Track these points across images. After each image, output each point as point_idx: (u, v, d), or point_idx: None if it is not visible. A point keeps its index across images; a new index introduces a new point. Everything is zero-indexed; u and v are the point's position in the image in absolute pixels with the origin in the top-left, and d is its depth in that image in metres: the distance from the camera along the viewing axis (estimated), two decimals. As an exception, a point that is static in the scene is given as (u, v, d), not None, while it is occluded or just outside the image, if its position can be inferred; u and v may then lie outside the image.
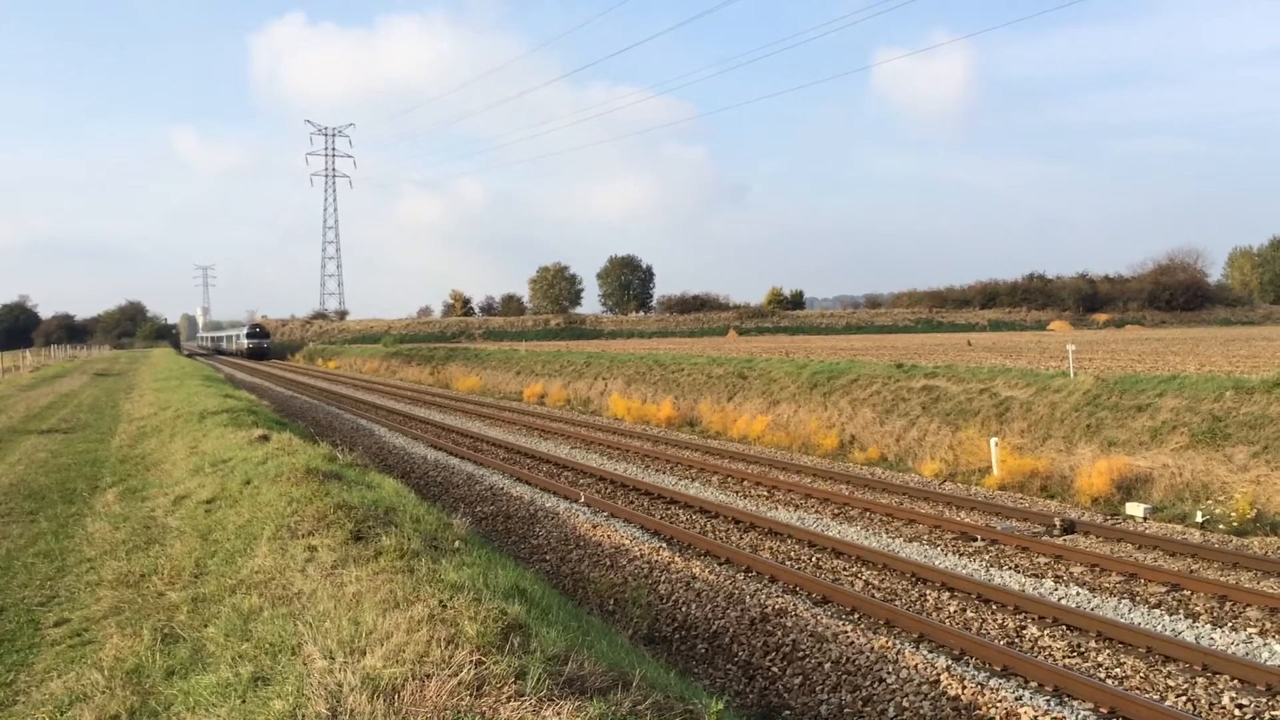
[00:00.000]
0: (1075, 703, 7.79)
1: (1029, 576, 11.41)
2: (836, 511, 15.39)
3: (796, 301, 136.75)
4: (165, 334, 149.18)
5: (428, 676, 4.68)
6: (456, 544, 8.49)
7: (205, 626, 6.90)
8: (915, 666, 8.22)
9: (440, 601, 5.94)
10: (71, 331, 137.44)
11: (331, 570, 7.23)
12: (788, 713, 8.22)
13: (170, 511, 11.65)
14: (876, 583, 11.39)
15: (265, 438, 15.85)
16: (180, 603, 7.70)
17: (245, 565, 8.14)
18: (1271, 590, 10.45)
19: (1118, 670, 8.52)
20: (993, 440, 17.82)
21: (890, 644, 8.74)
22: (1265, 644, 8.97)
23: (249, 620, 6.64)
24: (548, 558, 13.25)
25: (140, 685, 5.96)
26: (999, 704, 7.51)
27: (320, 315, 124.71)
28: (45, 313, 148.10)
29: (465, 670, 4.73)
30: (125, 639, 6.89)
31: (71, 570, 9.67)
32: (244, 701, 5.08)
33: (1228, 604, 10.14)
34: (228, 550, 8.90)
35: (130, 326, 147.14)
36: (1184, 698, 7.91)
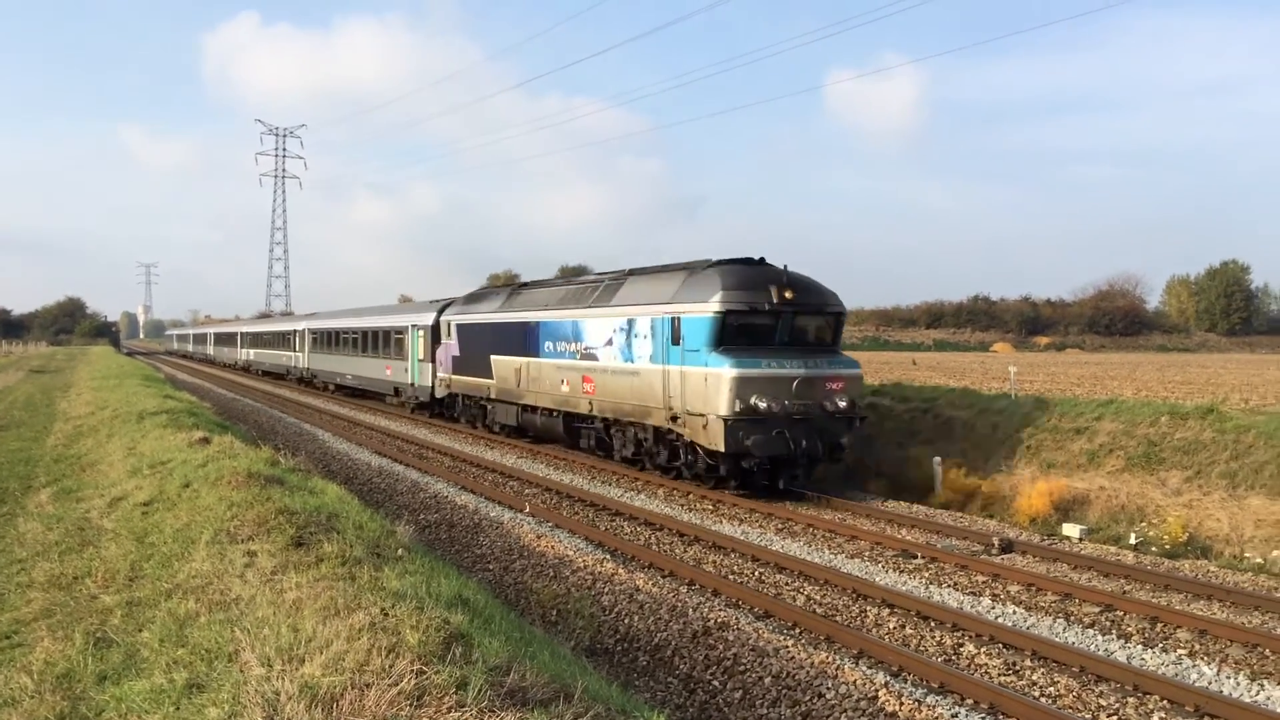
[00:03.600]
0: (1009, 720, 7.91)
1: (967, 594, 11.58)
2: (780, 526, 15.49)
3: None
4: (105, 331, 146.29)
5: (367, 685, 4.64)
6: (399, 552, 8.42)
7: (139, 631, 6.77)
8: (854, 682, 8.29)
9: (382, 610, 5.89)
10: (7, 327, 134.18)
11: (271, 576, 7.13)
12: (728, 726, 8.24)
13: (106, 513, 11.40)
14: (818, 598, 11.48)
15: (206, 440, 15.58)
16: (114, 606, 7.55)
17: (182, 569, 8.00)
18: (1201, 612, 10.71)
19: (1051, 689, 8.67)
20: (935, 459, 18.08)
21: (830, 659, 8.81)
22: (1194, 665, 9.19)
23: (185, 625, 6.52)
24: (491, 567, 13.17)
25: (71, 690, 5.84)
26: (935, 720, 7.61)
27: (266, 315, 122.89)
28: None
29: (406, 680, 4.70)
30: (56, 642, 6.75)
31: (1, 571, 9.43)
32: (178, 708, 5.00)
33: (1159, 625, 10.37)
34: (164, 554, 8.74)
35: (69, 323, 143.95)
36: (1115, 717, 8.07)
